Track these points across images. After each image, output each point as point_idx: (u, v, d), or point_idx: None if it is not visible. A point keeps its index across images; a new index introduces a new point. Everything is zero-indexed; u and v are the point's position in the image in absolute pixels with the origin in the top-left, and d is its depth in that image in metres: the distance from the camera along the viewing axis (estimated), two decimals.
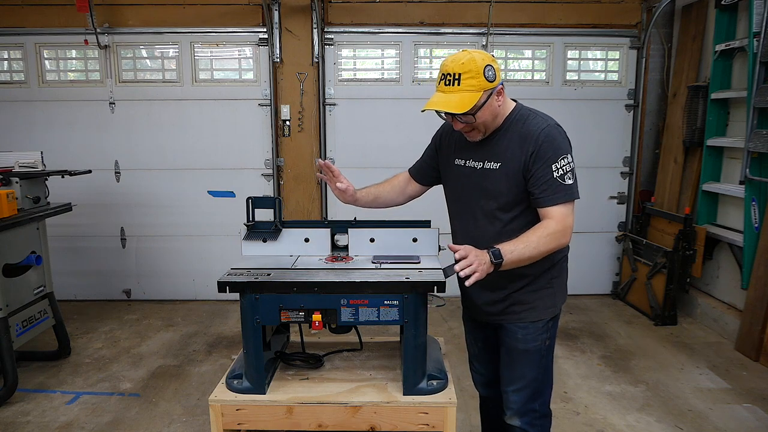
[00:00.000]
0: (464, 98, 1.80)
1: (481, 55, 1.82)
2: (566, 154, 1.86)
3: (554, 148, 1.85)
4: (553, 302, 2.01)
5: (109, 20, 4.77)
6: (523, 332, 2.00)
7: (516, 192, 1.89)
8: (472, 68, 1.79)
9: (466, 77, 1.80)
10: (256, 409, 2.00)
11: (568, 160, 1.86)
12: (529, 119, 1.91)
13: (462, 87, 1.81)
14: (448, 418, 1.98)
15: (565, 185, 1.83)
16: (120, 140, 4.91)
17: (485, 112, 1.85)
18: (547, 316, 2.00)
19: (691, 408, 3.17)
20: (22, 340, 3.40)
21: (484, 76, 1.80)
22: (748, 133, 3.87)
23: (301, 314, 1.96)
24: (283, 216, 2.39)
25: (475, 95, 1.80)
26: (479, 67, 1.79)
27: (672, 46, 5.00)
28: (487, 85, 1.81)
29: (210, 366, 3.73)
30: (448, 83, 1.83)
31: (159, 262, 5.08)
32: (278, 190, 5.02)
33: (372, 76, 4.99)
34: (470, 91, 1.80)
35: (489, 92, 1.83)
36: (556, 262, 1.99)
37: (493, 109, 1.87)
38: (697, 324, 4.48)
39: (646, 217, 4.95)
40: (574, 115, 4.96)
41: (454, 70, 1.81)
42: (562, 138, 1.89)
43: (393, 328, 2.39)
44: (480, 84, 1.80)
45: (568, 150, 1.88)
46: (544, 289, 1.99)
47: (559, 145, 1.86)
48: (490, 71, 1.81)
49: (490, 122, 1.89)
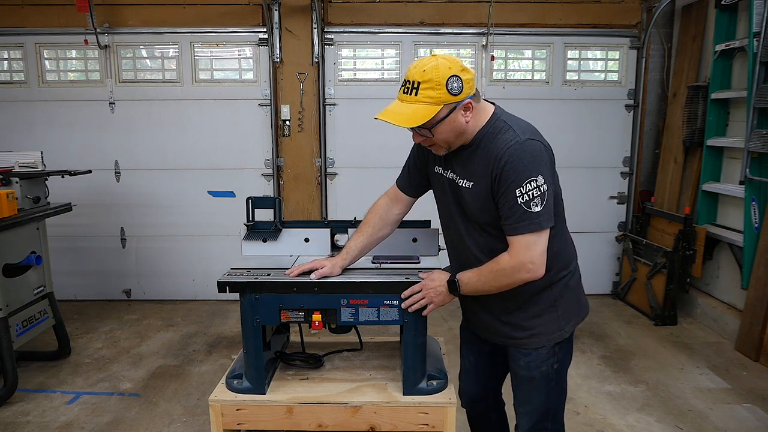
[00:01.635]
0: (417, 111, 1.62)
1: (449, 63, 1.62)
2: (534, 177, 1.60)
3: (519, 169, 1.60)
4: (559, 326, 1.82)
5: (109, 20, 4.76)
6: (525, 359, 1.84)
7: (493, 214, 1.71)
8: (434, 77, 1.60)
9: (425, 87, 1.61)
10: (256, 409, 2.00)
11: (538, 183, 1.60)
12: (499, 135, 1.67)
13: (419, 98, 1.62)
14: (448, 418, 1.98)
15: (530, 213, 1.61)
16: (120, 140, 4.91)
17: (445, 128, 1.65)
18: (552, 342, 1.82)
19: (691, 408, 3.17)
20: (22, 340, 3.40)
21: (446, 88, 1.60)
22: (748, 133, 3.87)
23: (301, 314, 1.96)
24: (283, 216, 2.40)
25: (432, 109, 1.61)
26: (442, 77, 1.60)
27: (672, 46, 5.00)
28: (449, 99, 1.61)
29: (210, 366, 3.73)
30: (407, 91, 1.65)
31: (159, 262, 5.08)
32: (278, 190, 5.02)
33: (372, 76, 4.99)
34: (426, 104, 1.61)
35: (451, 106, 1.63)
36: (557, 281, 1.81)
37: (456, 125, 1.66)
38: (697, 324, 4.48)
39: (646, 217, 4.95)
40: (574, 115, 4.97)
41: (414, 78, 1.63)
42: (531, 157, 1.62)
43: (393, 328, 2.39)
44: (440, 97, 1.61)
45: (538, 171, 1.61)
46: (548, 314, 1.81)
47: (525, 166, 1.60)
48: (455, 83, 1.61)
49: (453, 139, 1.70)
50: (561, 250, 1.81)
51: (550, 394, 1.89)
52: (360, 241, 2.03)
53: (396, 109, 1.67)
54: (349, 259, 2.02)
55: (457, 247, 1.89)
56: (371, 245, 2.07)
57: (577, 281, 1.91)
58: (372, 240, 2.05)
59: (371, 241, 2.06)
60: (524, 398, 1.92)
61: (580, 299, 1.92)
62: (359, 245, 2.03)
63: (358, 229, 2.07)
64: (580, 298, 1.92)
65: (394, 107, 1.68)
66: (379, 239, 2.08)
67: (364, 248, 2.05)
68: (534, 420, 1.92)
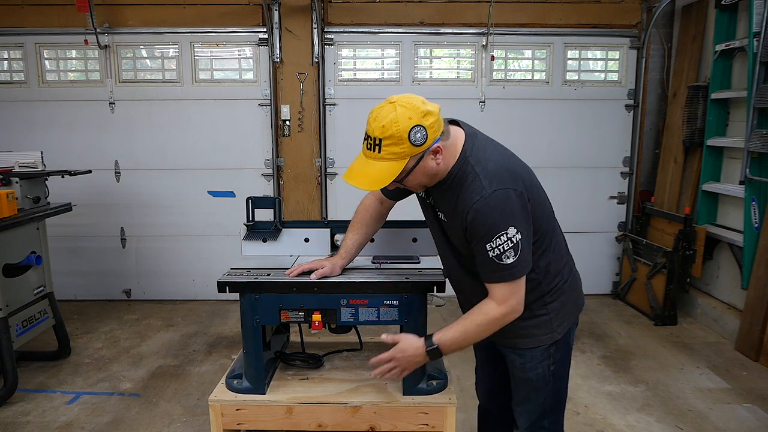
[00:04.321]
0: (383, 171, 1.56)
1: (408, 112, 1.53)
2: (503, 231, 1.56)
3: (487, 226, 1.56)
4: (550, 328, 1.80)
5: (109, 20, 4.76)
6: (520, 360, 1.85)
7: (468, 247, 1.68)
8: (394, 133, 1.53)
9: (387, 143, 1.54)
10: (255, 409, 2.01)
11: (508, 235, 1.56)
12: (466, 185, 1.61)
13: (383, 155, 1.55)
14: (448, 418, 1.98)
15: (503, 265, 1.58)
16: (120, 140, 4.91)
17: (416, 175, 1.61)
18: (544, 343, 1.81)
19: (691, 408, 3.17)
20: (22, 340, 3.40)
21: (409, 141, 1.53)
22: (748, 133, 3.87)
23: (301, 314, 1.96)
24: (283, 216, 2.40)
25: (398, 164, 1.56)
26: (403, 131, 1.52)
27: (672, 46, 5.00)
28: (414, 151, 1.55)
29: (210, 366, 3.73)
30: (370, 147, 1.58)
31: (159, 262, 5.08)
32: (278, 190, 5.02)
33: (372, 76, 4.99)
34: (391, 160, 1.55)
35: (418, 157, 1.57)
36: (549, 291, 1.79)
37: (427, 170, 1.61)
38: (697, 324, 4.48)
39: (646, 217, 4.95)
40: (574, 115, 4.97)
41: (374, 134, 1.55)
42: (499, 211, 1.56)
43: (393, 328, 2.39)
44: (404, 151, 1.54)
45: (508, 223, 1.56)
46: (538, 317, 1.79)
47: (493, 222, 1.56)
48: (417, 133, 1.53)
49: (428, 182, 1.66)
50: (551, 263, 1.79)
51: (548, 395, 1.87)
52: (356, 239, 2.06)
53: (361, 168, 1.62)
54: (347, 258, 2.04)
55: (450, 268, 1.90)
56: (366, 242, 2.11)
57: (572, 285, 1.87)
58: (366, 238, 2.10)
59: (366, 239, 2.09)
60: (521, 398, 1.92)
61: (576, 301, 1.90)
62: (356, 243, 2.06)
63: (351, 227, 2.08)
64: (576, 299, 1.90)
65: (359, 166, 1.63)
66: (372, 235, 2.14)
67: (361, 246, 2.08)
68: (531, 420, 1.92)
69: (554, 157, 4.97)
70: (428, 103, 1.60)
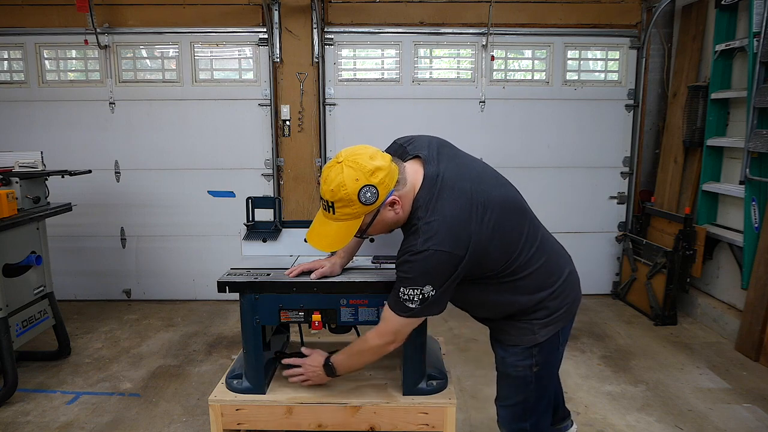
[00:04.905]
0: (340, 231, 1.63)
1: (355, 173, 1.55)
2: (420, 287, 1.60)
3: (405, 277, 1.62)
4: (531, 329, 1.80)
5: (109, 20, 4.77)
6: (500, 354, 1.88)
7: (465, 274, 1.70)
8: (343, 197, 1.56)
9: (339, 206, 1.59)
10: (255, 409, 2.01)
11: (423, 291, 1.60)
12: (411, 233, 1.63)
13: (338, 216, 1.61)
14: (448, 418, 1.98)
15: (402, 302, 1.65)
16: (120, 140, 4.91)
17: (376, 228, 1.68)
18: (525, 344, 1.81)
19: (691, 408, 3.17)
20: (22, 340, 3.40)
21: (360, 201, 1.57)
22: (748, 133, 3.87)
23: (301, 314, 1.96)
24: (283, 216, 2.40)
25: (354, 224, 1.62)
26: (351, 193, 1.56)
27: (672, 46, 5.00)
28: (368, 209, 1.59)
29: (210, 366, 3.73)
30: (326, 208, 1.63)
31: (159, 262, 5.08)
32: (278, 190, 5.02)
33: (372, 76, 4.99)
34: (347, 220, 1.61)
35: (374, 212, 1.62)
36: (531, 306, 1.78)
37: (386, 221, 1.66)
38: (697, 324, 4.48)
39: (646, 217, 4.95)
40: (574, 115, 4.97)
41: (326, 197, 1.60)
42: (423, 270, 1.58)
43: None
44: (356, 211, 1.59)
45: (425, 281, 1.59)
46: (522, 320, 1.81)
47: (413, 277, 1.60)
48: (367, 193, 1.56)
49: (390, 229, 1.73)
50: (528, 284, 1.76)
51: (529, 395, 1.87)
52: (356, 239, 2.04)
53: (320, 229, 1.68)
54: (347, 257, 2.05)
55: None
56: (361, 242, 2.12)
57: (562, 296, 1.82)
58: None
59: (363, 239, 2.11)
60: (502, 393, 1.95)
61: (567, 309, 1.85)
62: (356, 243, 2.06)
63: None
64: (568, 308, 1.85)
65: (318, 227, 1.69)
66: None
67: (358, 244, 2.10)
68: (510, 416, 1.94)
69: (554, 157, 4.96)
70: (377, 157, 1.61)
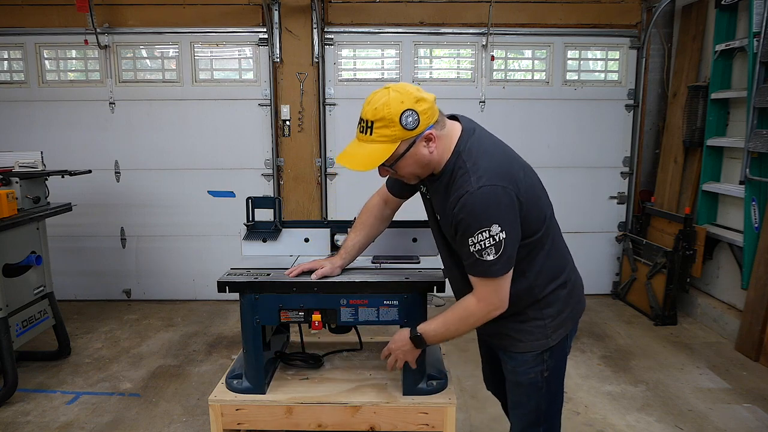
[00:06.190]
0: (374, 152, 1.58)
1: (402, 96, 1.56)
2: (486, 228, 1.55)
3: (469, 221, 1.56)
4: (544, 334, 1.77)
5: (109, 20, 4.77)
6: (512, 363, 1.83)
7: None
8: (386, 115, 1.55)
9: (379, 126, 1.56)
10: (255, 409, 2.01)
11: (491, 233, 1.55)
12: (458, 177, 1.61)
13: (374, 137, 1.58)
14: (448, 418, 1.98)
15: (482, 261, 1.58)
16: (120, 140, 4.91)
17: (407, 162, 1.62)
18: (536, 349, 1.77)
19: (691, 408, 3.17)
20: (22, 340, 3.40)
21: (400, 124, 1.55)
22: (748, 133, 3.87)
23: (301, 314, 1.96)
24: (283, 216, 2.40)
25: (389, 147, 1.57)
26: (395, 113, 1.55)
27: (672, 46, 5.00)
28: (406, 135, 1.57)
29: (210, 366, 3.73)
30: (363, 131, 1.60)
31: (159, 262, 5.08)
32: (278, 190, 5.02)
33: (372, 76, 4.99)
34: (382, 143, 1.57)
35: (410, 141, 1.59)
36: (543, 297, 1.76)
37: (419, 158, 1.62)
38: (697, 324, 4.48)
39: (646, 217, 4.95)
40: (574, 115, 4.97)
41: (367, 117, 1.58)
42: (485, 206, 1.55)
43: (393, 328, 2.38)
44: (395, 134, 1.56)
45: (491, 221, 1.55)
46: (533, 322, 1.77)
47: (476, 217, 1.55)
48: (409, 117, 1.55)
49: (420, 171, 1.67)
50: (546, 267, 1.76)
51: (541, 401, 1.84)
52: (358, 240, 2.05)
53: (353, 150, 1.63)
54: (348, 258, 2.04)
55: (448, 268, 1.89)
56: (368, 244, 2.09)
57: (571, 292, 1.83)
58: (368, 239, 2.08)
59: (368, 240, 2.08)
60: (514, 402, 1.90)
61: (574, 308, 1.85)
62: (357, 244, 2.05)
63: (353, 228, 2.08)
64: (575, 306, 1.85)
65: (351, 148, 1.64)
66: (375, 237, 2.10)
67: (362, 247, 2.07)
68: (524, 424, 1.89)
69: (554, 157, 4.96)
70: (423, 92, 1.62)
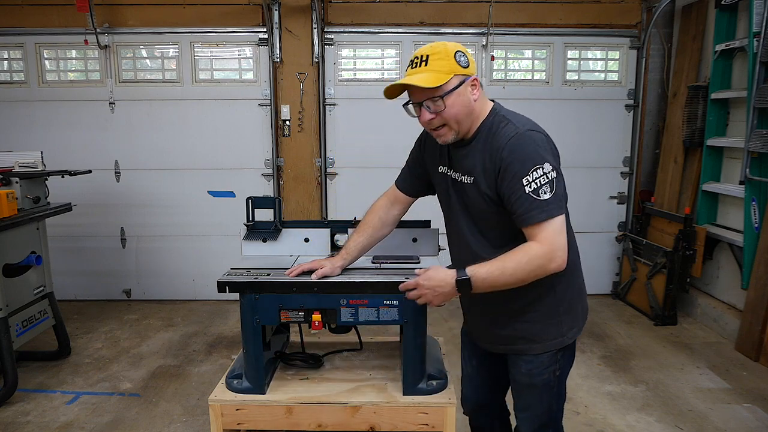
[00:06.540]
0: (430, 75, 1.62)
1: (453, 44, 1.69)
2: (540, 165, 1.58)
3: (523, 159, 1.59)
4: (560, 332, 1.78)
5: (109, 20, 4.76)
6: (527, 366, 1.81)
7: (495, 210, 1.68)
8: (441, 51, 1.65)
9: (435, 58, 1.64)
10: (255, 409, 2.00)
11: (544, 170, 1.58)
12: (500, 128, 1.66)
13: (430, 67, 1.64)
14: (448, 418, 1.98)
15: (540, 200, 1.57)
16: (120, 140, 4.91)
17: (456, 101, 1.64)
18: (553, 348, 1.78)
19: (691, 408, 3.17)
20: (22, 340, 3.40)
21: (455, 59, 1.64)
22: (748, 133, 3.87)
23: (301, 314, 1.96)
24: (283, 216, 2.40)
25: (444, 76, 1.62)
26: (450, 50, 1.65)
27: (672, 46, 5.00)
28: (459, 70, 1.64)
29: (210, 366, 3.73)
30: (416, 65, 1.67)
31: (159, 262, 5.08)
32: (278, 190, 5.02)
33: (372, 76, 4.99)
34: (439, 72, 1.63)
35: (461, 79, 1.65)
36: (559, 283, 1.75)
37: (465, 100, 1.66)
38: (697, 324, 4.48)
39: (646, 217, 4.95)
40: (574, 115, 4.97)
41: (422, 53, 1.67)
42: (534, 146, 1.60)
43: (393, 328, 2.39)
44: (450, 66, 1.63)
45: (543, 159, 1.59)
46: (549, 319, 1.77)
47: (529, 155, 1.59)
48: (462, 57, 1.65)
49: (463, 118, 1.67)
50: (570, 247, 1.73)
51: (552, 402, 1.85)
52: (360, 241, 2.03)
53: (408, 77, 1.67)
54: (349, 259, 2.03)
55: (460, 247, 1.85)
56: (370, 245, 2.06)
57: (581, 285, 1.87)
58: (371, 240, 2.05)
59: (371, 242, 2.05)
60: (525, 405, 1.89)
61: (583, 305, 1.88)
62: (359, 245, 2.03)
63: (357, 229, 2.07)
64: (583, 302, 1.88)
65: (406, 79, 1.67)
66: (378, 239, 2.07)
67: (364, 248, 2.04)
68: (534, 427, 1.89)
69: None
70: None
